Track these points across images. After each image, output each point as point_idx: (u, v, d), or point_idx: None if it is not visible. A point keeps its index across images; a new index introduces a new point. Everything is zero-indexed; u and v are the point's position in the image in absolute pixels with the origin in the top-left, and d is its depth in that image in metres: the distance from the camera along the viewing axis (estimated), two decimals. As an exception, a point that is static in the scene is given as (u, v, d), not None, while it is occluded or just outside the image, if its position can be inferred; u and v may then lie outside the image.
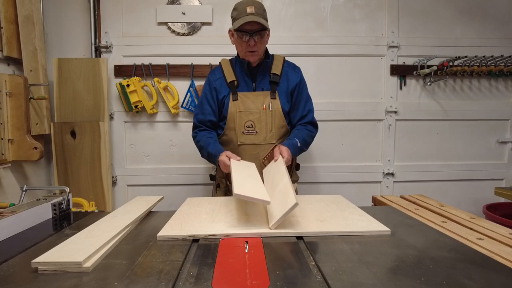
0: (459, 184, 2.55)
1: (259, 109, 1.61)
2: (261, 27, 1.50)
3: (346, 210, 1.20)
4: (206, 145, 1.57)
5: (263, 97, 1.63)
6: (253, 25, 1.49)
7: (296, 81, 1.67)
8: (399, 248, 0.89)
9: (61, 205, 1.26)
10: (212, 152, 1.52)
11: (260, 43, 1.55)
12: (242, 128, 1.62)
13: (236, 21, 1.50)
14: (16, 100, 1.86)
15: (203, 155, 1.63)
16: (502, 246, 0.98)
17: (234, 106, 1.62)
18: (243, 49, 1.57)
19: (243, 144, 1.63)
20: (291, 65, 1.72)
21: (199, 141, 1.62)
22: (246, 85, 1.65)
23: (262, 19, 1.49)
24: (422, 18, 2.45)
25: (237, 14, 1.51)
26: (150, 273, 0.74)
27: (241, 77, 1.65)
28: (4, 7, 1.90)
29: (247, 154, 1.60)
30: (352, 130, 2.49)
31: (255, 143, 1.62)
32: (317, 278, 0.73)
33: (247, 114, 1.62)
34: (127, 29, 2.36)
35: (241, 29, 1.50)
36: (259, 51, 1.58)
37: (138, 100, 2.30)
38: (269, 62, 1.66)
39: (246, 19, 1.46)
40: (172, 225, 1.05)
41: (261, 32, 1.53)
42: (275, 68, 1.66)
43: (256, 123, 1.61)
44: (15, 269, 0.78)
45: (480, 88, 2.53)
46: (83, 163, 2.23)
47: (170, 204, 1.64)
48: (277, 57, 1.70)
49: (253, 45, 1.53)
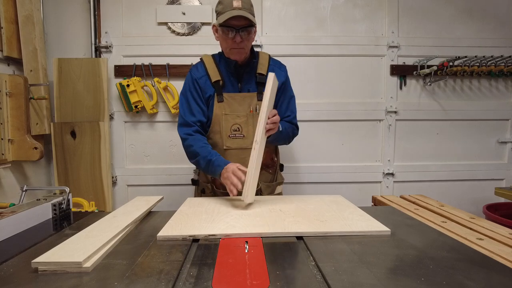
0: (459, 184, 2.55)
1: (246, 111, 1.51)
2: (248, 23, 1.40)
3: (346, 210, 1.20)
4: (208, 154, 1.40)
5: (249, 99, 1.53)
6: (239, 20, 1.38)
7: (282, 80, 1.57)
8: (399, 248, 0.89)
9: (61, 205, 1.26)
10: (216, 162, 1.37)
11: (247, 40, 1.45)
12: (228, 131, 1.52)
13: (221, 15, 1.38)
14: (16, 100, 1.86)
15: (197, 163, 1.46)
16: (502, 246, 0.98)
17: (219, 108, 1.52)
18: (228, 46, 1.45)
19: (230, 148, 1.53)
20: (277, 63, 1.62)
21: (191, 146, 1.45)
22: (232, 86, 1.54)
23: (250, 14, 1.39)
24: (422, 18, 2.45)
25: (222, 8, 1.39)
26: (150, 273, 0.74)
27: (226, 77, 1.54)
28: (4, 7, 1.90)
29: (234, 159, 1.44)
30: (352, 130, 2.49)
31: (243, 147, 1.52)
32: (317, 278, 0.73)
33: (233, 117, 1.52)
34: (127, 29, 2.36)
35: (227, 24, 1.38)
36: (245, 49, 1.47)
37: (138, 100, 2.30)
38: (255, 62, 1.56)
39: (232, 13, 1.35)
40: (172, 225, 1.05)
41: (248, 29, 1.42)
42: (261, 67, 1.56)
43: (243, 126, 1.52)
44: (15, 269, 0.78)
45: (480, 88, 2.53)
46: (83, 163, 2.23)
47: (170, 204, 1.64)
48: (262, 55, 1.60)
49: (239, 42, 1.42)
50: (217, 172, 1.35)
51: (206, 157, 1.40)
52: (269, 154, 1.60)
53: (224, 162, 1.35)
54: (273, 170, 1.65)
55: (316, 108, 2.44)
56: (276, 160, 1.67)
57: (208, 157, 1.39)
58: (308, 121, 2.43)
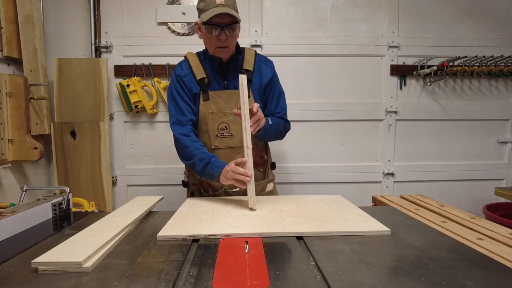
0: (459, 184, 2.55)
1: (233, 109, 1.42)
2: (233, 20, 1.35)
3: (346, 210, 1.20)
4: (206, 156, 1.37)
5: (236, 96, 1.41)
6: (223, 18, 1.33)
7: (269, 77, 1.53)
8: (399, 248, 0.89)
9: (61, 205, 1.26)
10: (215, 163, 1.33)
11: (232, 37, 1.40)
12: (215, 130, 1.48)
13: (205, 13, 1.33)
14: (16, 100, 1.86)
15: (193, 164, 1.40)
16: (502, 246, 0.97)
17: (205, 107, 1.47)
18: (213, 44, 1.40)
19: (218, 148, 1.49)
20: (263, 59, 1.57)
21: (187, 147, 1.40)
22: (218, 83, 1.49)
23: (233, 10, 1.34)
24: (422, 18, 2.45)
25: (205, 5, 1.34)
26: (150, 273, 0.74)
27: (211, 74, 1.49)
28: (4, 7, 1.90)
29: (223, 158, 1.40)
30: (352, 130, 2.49)
31: (231, 146, 1.49)
32: (317, 278, 0.73)
33: (220, 115, 1.47)
34: (127, 29, 2.36)
35: (211, 22, 1.33)
36: (230, 47, 1.42)
37: (138, 100, 2.30)
38: (241, 58, 1.50)
39: (215, 11, 1.30)
40: (172, 225, 1.05)
41: (233, 26, 1.37)
42: (247, 63, 1.50)
43: (231, 125, 1.47)
44: (15, 269, 0.78)
45: (480, 88, 2.53)
46: (83, 163, 2.23)
47: (170, 204, 1.64)
48: (248, 51, 1.54)
49: (224, 40, 1.37)
50: (215, 173, 1.31)
51: (203, 159, 1.35)
52: (258, 152, 1.56)
53: (224, 164, 1.32)
54: (263, 168, 1.62)
55: (316, 108, 2.44)
56: (266, 158, 1.63)
57: (206, 159, 1.35)
58: (308, 121, 2.44)
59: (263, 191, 1.59)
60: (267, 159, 1.66)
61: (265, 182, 1.60)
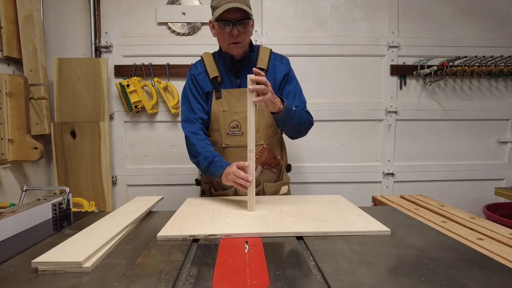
0: (459, 184, 2.55)
1: (244, 107, 1.38)
2: (245, 15, 1.34)
3: (346, 210, 1.20)
4: (210, 155, 1.38)
5: None
6: (235, 13, 1.32)
7: (284, 73, 1.51)
8: (399, 248, 0.89)
9: (61, 205, 1.26)
10: (218, 163, 1.34)
11: (244, 33, 1.39)
12: (227, 129, 1.48)
13: (216, 10, 1.34)
14: (16, 100, 1.86)
15: (198, 162, 1.42)
16: (502, 246, 0.98)
17: (217, 105, 1.48)
18: (226, 41, 1.40)
19: (228, 146, 1.49)
20: (278, 56, 1.55)
21: (194, 145, 1.42)
22: (230, 82, 1.49)
23: (245, 6, 1.33)
24: (422, 18, 2.45)
25: (217, 2, 1.35)
26: (150, 273, 0.74)
27: (224, 73, 1.50)
28: (4, 7, 1.90)
29: (233, 157, 1.42)
30: (352, 130, 2.49)
31: (241, 145, 1.45)
32: (317, 278, 0.73)
33: (231, 113, 1.47)
34: (127, 29, 2.36)
35: (222, 18, 1.34)
36: (243, 43, 1.41)
37: (138, 100, 2.30)
38: (254, 55, 1.50)
39: (226, 6, 1.30)
40: (172, 225, 1.05)
41: (245, 21, 1.36)
42: (261, 62, 1.50)
43: (242, 123, 1.46)
44: (15, 269, 0.78)
45: (480, 88, 2.53)
46: (83, 163, 2.23)
47: (170, 204, 1.63)
48: (263, 49, 1.53)
49: (236, 35, 1.36)
50: (218, 173, 1.31)
51: (207, 158, 1.37)
52: (270, 152, 1.54)
53: (227, 164, 1.32)
54: (277, 169, 1.58)
55: (316, 108, 2.42)
56: (280, 159, 1.60)
57: (209, 158, 1.36)
58: (308, 121, 2.43)
59: (277, 193, 1.56)
60: (281, 160, 1.61)
61: (279, 185, 1.57)
